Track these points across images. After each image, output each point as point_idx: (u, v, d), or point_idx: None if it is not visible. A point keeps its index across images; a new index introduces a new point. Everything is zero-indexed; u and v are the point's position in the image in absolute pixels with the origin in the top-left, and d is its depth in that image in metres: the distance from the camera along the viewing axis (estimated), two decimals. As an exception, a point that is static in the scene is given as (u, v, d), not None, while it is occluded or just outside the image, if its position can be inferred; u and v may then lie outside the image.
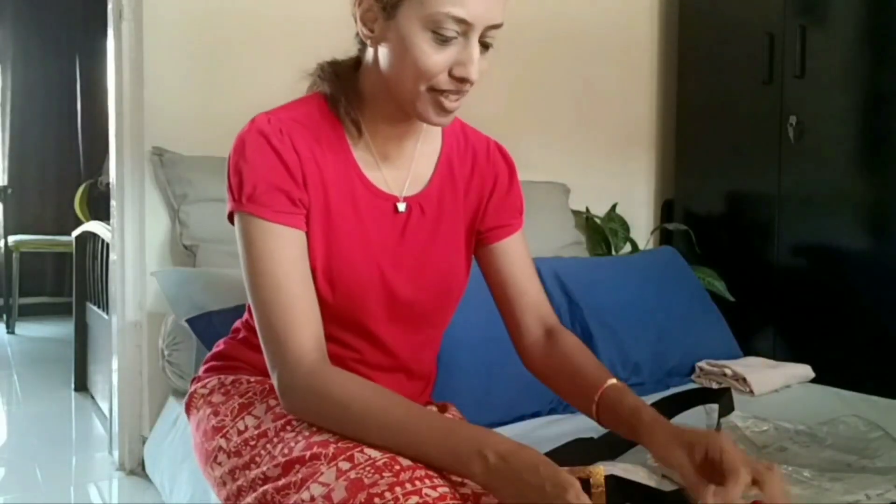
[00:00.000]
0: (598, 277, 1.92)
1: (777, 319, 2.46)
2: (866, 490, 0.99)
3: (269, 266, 0.89)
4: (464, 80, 0.88)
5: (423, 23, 0.84)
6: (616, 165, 2.79)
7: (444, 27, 0.84)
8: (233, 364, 1.07)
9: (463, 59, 0.86)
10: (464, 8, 0.83)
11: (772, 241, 2.48)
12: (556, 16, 2.56)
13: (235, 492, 0.93)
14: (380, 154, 0.99)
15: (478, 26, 0.85)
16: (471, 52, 0.86)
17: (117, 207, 1.97)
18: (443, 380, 1.47)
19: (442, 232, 1.03)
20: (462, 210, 1.05)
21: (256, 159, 0.90)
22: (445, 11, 0.83)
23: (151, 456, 1.70)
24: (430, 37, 0.85)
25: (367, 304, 0.97)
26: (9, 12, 4.84)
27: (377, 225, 0.98)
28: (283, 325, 0.88)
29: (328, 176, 0.94)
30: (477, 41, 0.87)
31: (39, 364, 3.50)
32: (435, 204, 1.02)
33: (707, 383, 1.80)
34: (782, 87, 2.42)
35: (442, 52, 0.86)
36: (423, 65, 0.86)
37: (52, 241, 4.58)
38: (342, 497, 0.75)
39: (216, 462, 0.97)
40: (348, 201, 0.96)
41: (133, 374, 1.96)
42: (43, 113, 4.98)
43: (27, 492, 1.97)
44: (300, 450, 0.84)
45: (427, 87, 0.88)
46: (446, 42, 0.85)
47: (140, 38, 1.88)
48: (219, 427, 0.99)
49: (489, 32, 0.88)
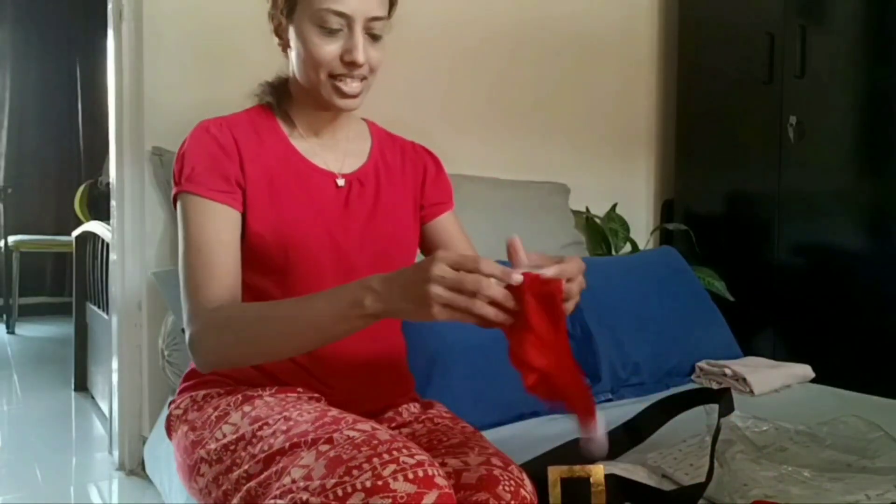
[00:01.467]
0: (598, 277, 1.91)
1: (777, 319, 2.46)
2: (866, 490, 0.99)
3: (195, 234, 1.00)
4: (352, 64, 1.01)
5: (311, 20, 1.01)
6: (616, 165, 2.79)
7: (327, 21, 1.00)
8: (203, 380, 1.10)
9: (349, 47, 1.01)
10: (341, 4, 0.99)
11: (772, 241, 2.48)
12: (556, 16, 2.56)
13: (222, 497, 0.93)
14: (315, 141, 1.13)
15: (357, 18, 1.00)
16: (355, 41, 1.01)
17: (117, 207, 1.97)
18: (442, 380, 1.48)
19: (382, 203, 1.14)
20: (402, 187, 1.19)
21: (196, 147, 1.05)
22: (326, 7, 0.99)
23: (151, 456, 1.70)
24: (319, 31, 1.01)
25: (321, 267, 1.06)
26: (9, 12, 4.85)
27: (321, 196, 1.09)
28: (197, 283, 0.97)
29: (269, 160, 1.07)
30: (360, 31, 1.01)
31: (39, 364, 3.50)
32: (372, 179, 1.15)
33: (707, 383, 1.80)
34: (782, 87, 2.42)
35: (331, 42, 1.01)
36: (316, 55, 1.01)
37: (52, 241, 4.58)
38: (322, 474, 0.77)
39: (199, 475, 0.98)
40: (291, 178, 1.08)
41: (133, 374, 1.96)
42: (43, 113, 4.98)
43: (27, 492, 1.97)
44: (280, 443, 0.86)
45: (325, 74, 1.03)
46: (332, 34, 1.01)
47: (140, 38, 1.88)
48: (197, 441, 1.00)
49: (373, 24, 1.02)
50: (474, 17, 2.35)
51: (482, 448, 0.96)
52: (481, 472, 0.89)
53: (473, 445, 0.97)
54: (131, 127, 1.91)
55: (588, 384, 0.90)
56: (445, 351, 1.52)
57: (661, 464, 1.18)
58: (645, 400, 1.52)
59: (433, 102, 2.28)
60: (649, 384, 1.78)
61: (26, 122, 4.92)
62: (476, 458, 0.92)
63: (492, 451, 0.96)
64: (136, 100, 1.90)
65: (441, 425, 1.08)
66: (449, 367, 1.50)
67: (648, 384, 1.78)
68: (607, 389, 1.71)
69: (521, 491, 0.88)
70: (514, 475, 0.90)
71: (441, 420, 1.11)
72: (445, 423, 1.09)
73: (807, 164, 2.36)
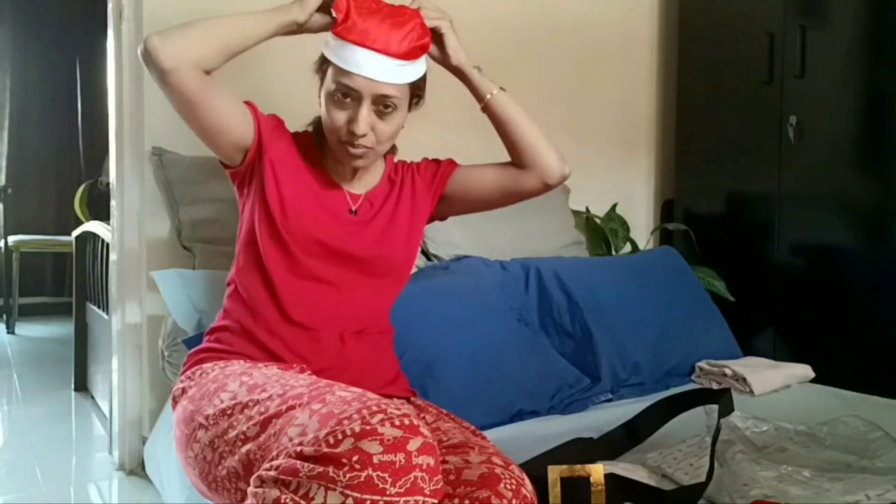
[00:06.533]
0: (598, 277, 1.92)
1: (777, 319, 2.46)
2: (866, 490, 0.99)
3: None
4: (352, 134, 1.13)
5: (330, 87, 1.14)
6: (616, 165, 2.79)
7: (339, 91, 1.12)
8: (199, 358, 1.16)
9: (352, 118, 1.13)
10: (350, 80, 1.11)
11: (772, 241, 2.48)
12: (556, 16, 2.56)
13: (217, 460, 0.96)
14: (341, 173, 1.26)
15: (365, 94, 1.11)
16: (359, 112, 1.12)
17: (117, 207, 1.97)
18: (442, 380, 1.48)
19: (386, 220, 1.27)
20: (401, 206, 1.30)
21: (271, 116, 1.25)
22: (339, 80, 1.12)
23: (151, 456, 1.70)
24: (332, 99, 1.14)
25: (319, 245, 1.19)
26: (8, 12, 4.84)
27: (333, 204, 1.23)
28: None
29: (300, 165, 1.23)
30: (367, 105, 1.12)
31: (39, 364, 3.50)
32: (381, 200, 1.29)
33: (707, 383, 1.80)
34: (782, 87, 2.42)
35: (341, 111, 1.13)
36: (329, 119, 1.15)
37: (52, 241, 4.58)
38: (315, 428, 0.81)
39: (195, 441, 1.01)
40: (314, 182, 1.23)
41: (133, 374, 1.96)
42: (43, 113, 4.98)
43: (27, 492, 1.97)
44: (276, 406, 0.91)
45: (335, 138, 1.16)
46: (342, 104, 1.13)
47: (140, 38, 1.87)
48: (196, 409, 1.04)
49: (384, 100, 1.12)
50: (473, 18, 2.35)
51: (482, 447, 0.98)
52: (483, 469, 0.90)
53: (474, 444, 0.98)
54: (131, 127, 1.91)
55: None
56: (443, 353, 1.52)
57: (661, 464, 1.18)
58: (645, 400, 1.52)
59: (432, 103, 2.28)
60: (649, 384, 1.78)
61: (26, 122, 4.92)
62: (477, 457, 0.94)
63: (492, 450, 0.98)
64: (136, 100, 1.90)
65: (441, 425, 1.10)
66: (447, 370, 1.50)
67: (648, 384, 1.78)
68: (607, 389, 1.71)
69: (522, 490, 0.89)
70: (515, 474, 0.91)
71: (440, 418, 1.13)
72: (446, 424, 1.10)
73: (807, 164, 2.36)
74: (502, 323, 1.69)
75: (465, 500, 0.86)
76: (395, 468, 0.75)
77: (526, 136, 1.31)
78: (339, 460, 0.76)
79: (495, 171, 1.34)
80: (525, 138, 1.31)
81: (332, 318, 1.19)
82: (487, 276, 1.79)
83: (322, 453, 0.77)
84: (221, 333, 1.19)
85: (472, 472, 0.90)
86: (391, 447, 0.76)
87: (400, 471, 0.75)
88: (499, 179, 1.33)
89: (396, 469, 0.75)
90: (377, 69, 1.10)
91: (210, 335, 1.21)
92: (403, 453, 0.76)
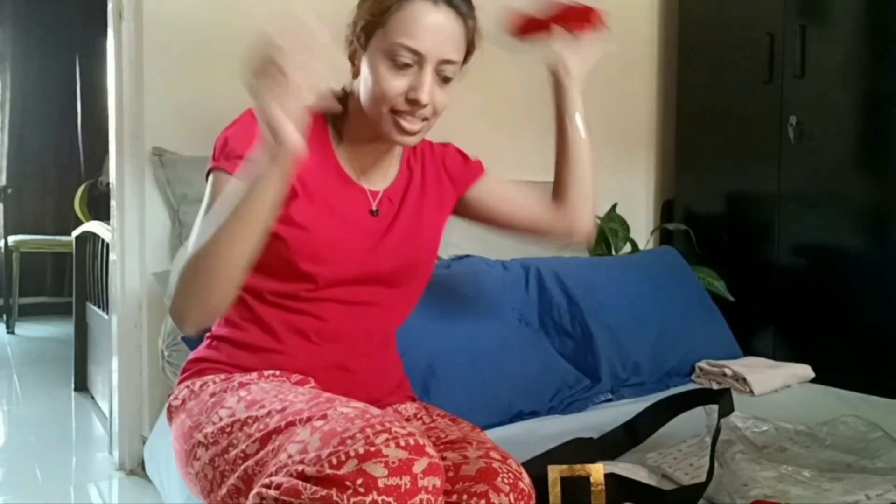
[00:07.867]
0: (598, 277, 1.92)
1: (777, 319, 2.46)
2: (866, 490, 0.99)
3: (215, 207, 0.94)
4: (415, 103, 1.00)
5: (384, 53, 1.00)
6: (616, 165, 2.79)
7: (399, 55, 0.99)
8: (199, 368, 1.11)
9: (415, 85, 1.00)
10: (415, 40, 0.98)
11: (772, 241, 2.48)
12: (556, 16, 2.55)
13: (219, 479, 0.95)
14: (358, 165, 1.12)
15: (429, 58, 1.00)
16: (423, 79, 1.00)
17: (117, 207, 1.97)
18: (441, 382, 1.48)
19: (410, 218, 1.16)
20: (427, 196, 1.19)
21: (242, 130, 1.02)
22: (400, 42, 0.98)
23: (151, 456, 1.70)
24: (389, 64, 1.00)
25: (344, 270, 1.07)
26: (9, 12, 4.84)
27: (353, 207, 1.10)
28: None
29: (308, 162, 1.03)
30: (430, 71, 1.00)
31: (39, 364, 3.50)
32: (401, 195, 1.17)
33: (707, 383, 1.80)
34: (782, 87, 2.42)
35: (399, 77, 1.00)
36: (383, 88, 1.00)
37: (52, 241, 4.57)
38: (317, 446, 0.78)
39: (195, 458, 0.99)
40: (324, 184, 1.07)
41: (133, 374, 1.96)
42: (43, 113, 4.97)
43: (27, 492, 1.97)
44: (276, 423, 0.88)
45: (388, 108, 1.02)
46: (402, 69, 1.00)
47: (140, 38, 1.88)
48: (194, 426, 1.01)
49: (445, 67, 1.01)
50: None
51: (480, 443, 0.98)
52: (480, 464, 0.90)
53: (472, 440, 0.99)
54: (131, 127, 1.91)
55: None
56: (443, 354, 1.52)
57: (661, 464, 1.18)
58: (645, 400, 1.52)
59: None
60: (649, 384, 1.78)
61: (26, 122, 4.91)
62: (475, 452, 0.94)
63: (490, 445, 0.98)
64: (136, 100, 1.90)
65: (440, 423, 1.10)
66: (448, 370, 1.50)
67: (648, 384, 1.78)
68: (607, 389, 1.71)
69: (520, 483, 0.89)
70: (513, 468, 0.91)
71: (440, 418, 1.13)
72: (444, 421, 1.11)
73: (807, 164, 2.36)
74: (503, 323, 1.69)
75: (462, 494, 0.86)
76: (401, 492, 0.74)
77: (584, 174, 1.25)
78: (343, 483, 0.74)
79: (528, 198, 1.26)
80: (583, 176, 1.25)
81: (344, 334, 1.11)
82: (488, 276, 1.79)
83: (325, 475, 0.75)
84: (221, 342, 1.12)
85: (469, 468, 0.90)
86: (396, 470, 0.74)
87: (405, 494, 0.74)
88: (529, 208, 1.25)
89: (402, 493, 0.74)
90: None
91: (210, 341, 1.16)
92: (409, 476, 0.75)
